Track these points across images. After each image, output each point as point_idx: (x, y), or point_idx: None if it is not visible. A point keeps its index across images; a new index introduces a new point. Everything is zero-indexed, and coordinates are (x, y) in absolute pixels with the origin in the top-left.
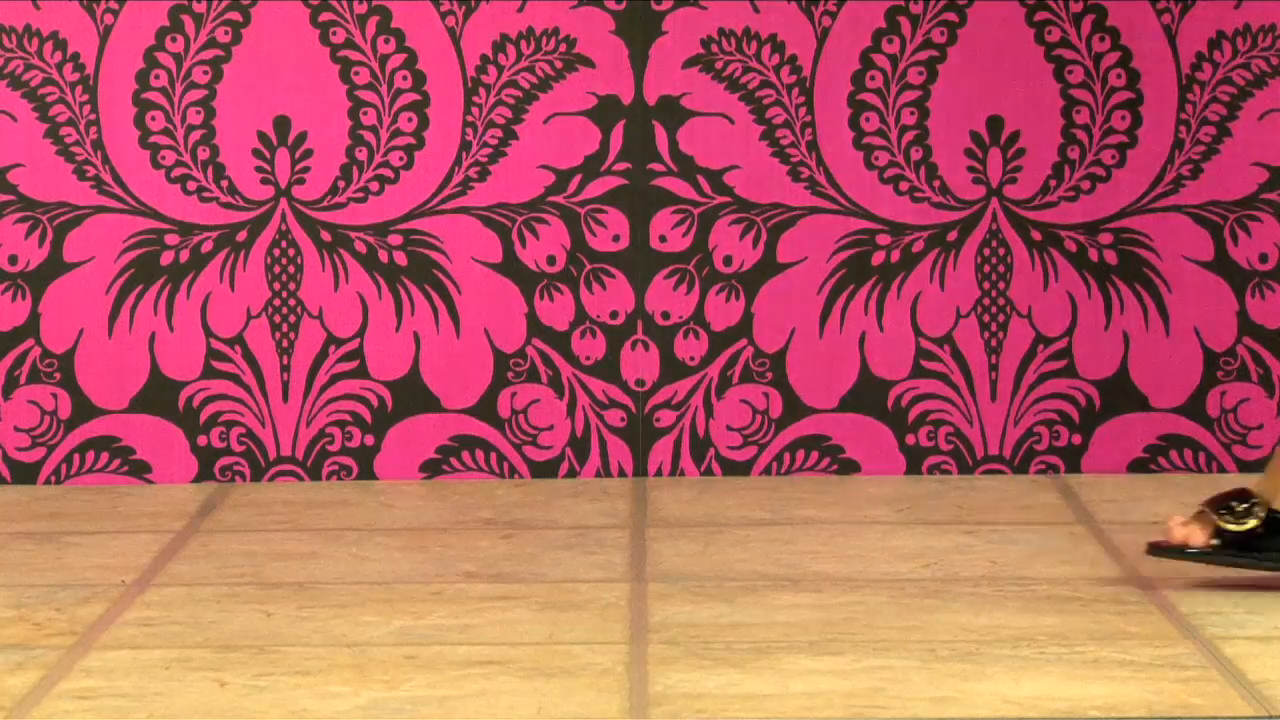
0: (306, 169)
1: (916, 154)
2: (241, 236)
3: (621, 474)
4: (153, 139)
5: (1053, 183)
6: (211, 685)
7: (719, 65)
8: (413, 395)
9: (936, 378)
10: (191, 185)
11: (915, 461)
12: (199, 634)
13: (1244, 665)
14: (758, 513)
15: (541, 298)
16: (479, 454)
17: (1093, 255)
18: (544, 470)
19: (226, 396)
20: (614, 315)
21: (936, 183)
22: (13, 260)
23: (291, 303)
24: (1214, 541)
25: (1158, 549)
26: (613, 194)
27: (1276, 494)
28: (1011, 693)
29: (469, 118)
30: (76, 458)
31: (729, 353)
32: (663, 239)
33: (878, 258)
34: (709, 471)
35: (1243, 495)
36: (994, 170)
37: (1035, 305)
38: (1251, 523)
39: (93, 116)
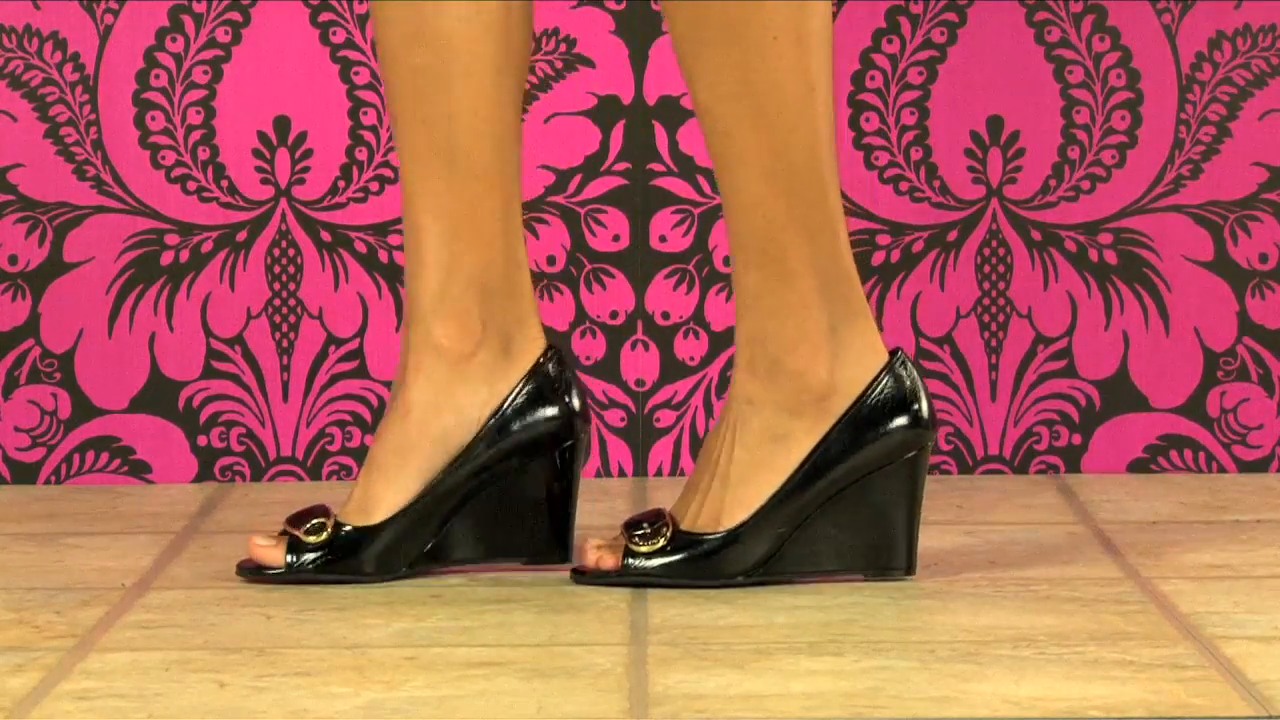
0: (306, 169)
1: (916, 154)
2: (241, 236)
3: (621, 474)
4: (153, 139)
5: (1053, 183)
6: (211, 686)
7: None
8: None
9: (936, 378)
10: (191, 185)
11: None
12: (199, 636)
13: (1244, 665)
14: None
15: (541, 298)
16: None
17: (1093, 255)
18: None
19: (226, 396)
20: (614, 315)
21: (936, 183)
22: (13, 260)
23: (291, 303)
24: (627, 562)
25: (577, 573)
26: (613, 194)
27: (684, 515)
28: (1011, 693)
29: None
30: (76, 458)
31: (729, 353)
32: (663, 239)
33: (878, 258)
34: None
35: (655, 517)
36: (994, 170)
37: (1035, 305)
38: (660, 542)
39: (93, 116)
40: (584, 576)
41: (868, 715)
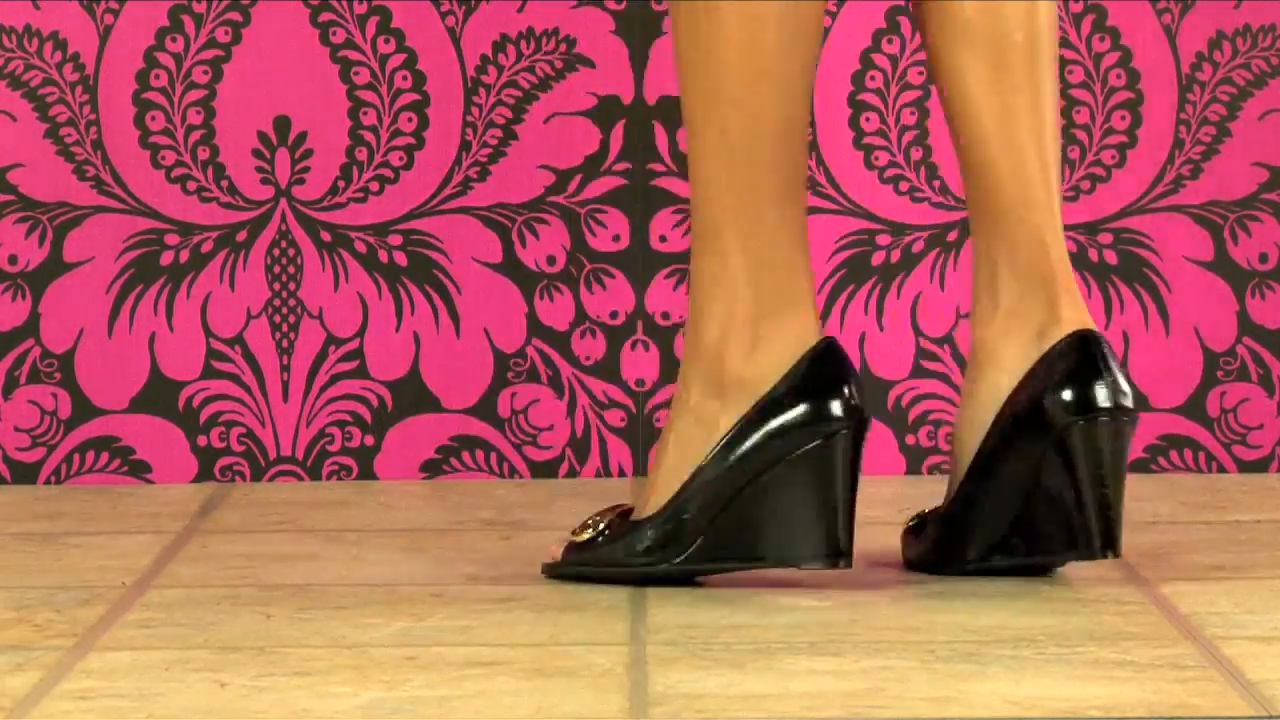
0: (306, 169)
1: (916, 154)
2: (241, 236)
3: (621, 474)
4: (153, 139)
5: None
6: (212, 686)
7: None
8: (413, 395)
9: (936, 378)
10: (191, 185)
11: (915, 461)
12: (199, 635)
13: (1244, 665)
14: None
15: (541, 298)
16: (479, 454)
17: (1093, 255)
18: (544, 470)
19: (226, 396)
20: (614, 315)
21: (936, 183)
22: (13, 260)
23: (291, 303)
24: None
25: (548, 569)
26: (613, 194)
27: (646, 504)
28: (1011, 693)
29: (469, 118)
30: (76, 458)
31: None
32: (663, 239)
33: (878, 258)
34: None
35: (611, 509)
36: None
37: None
38: (588, 533)
39: (93, 116)
40: (546, 568)
41: (868, 715)
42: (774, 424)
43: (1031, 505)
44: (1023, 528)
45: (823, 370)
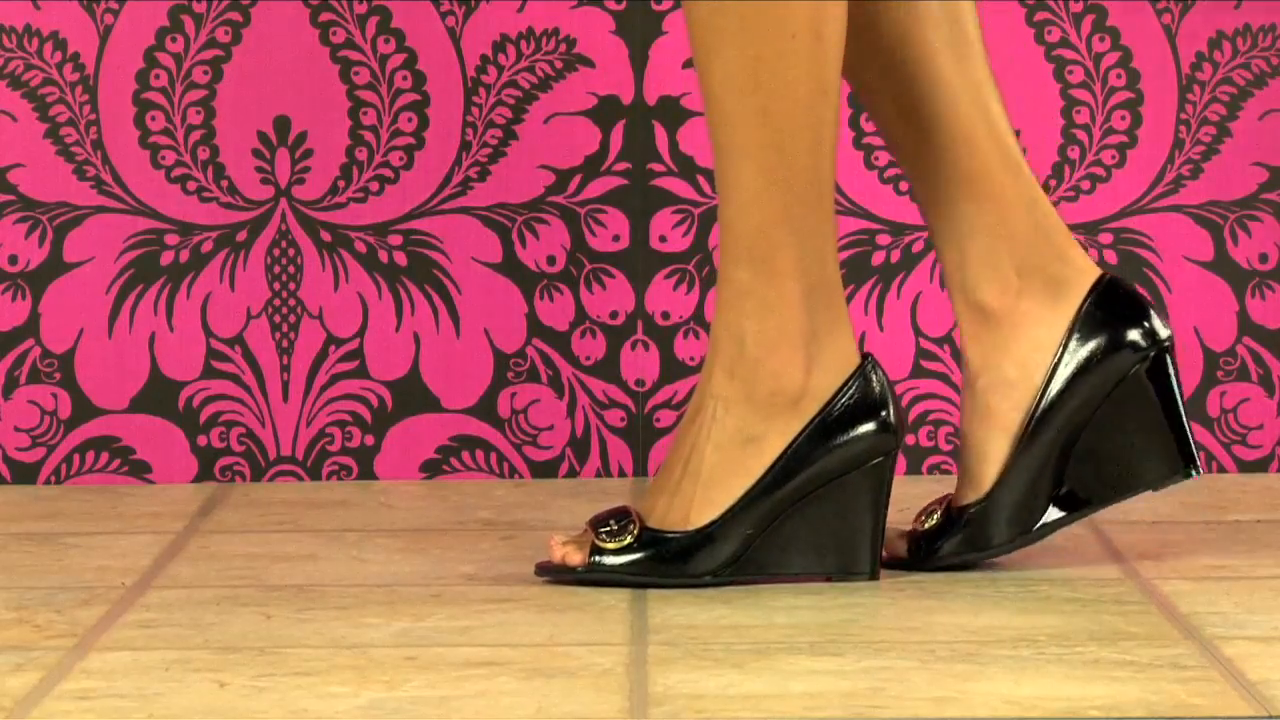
0: (306, 169)
1: None
2: (242, 236)
3: (621, 474)
4: (153, 139)
5: (1052, 183)
6: (212, 686)
7: None
8: (413, 395)
9: (936, 378)
10: (191, 185)
11: (915, 461)
12: (199, 635)
13: (1244, 665)
14: None
15: (541, 298)
16: (479, 454)
17: (1093, 255)
18: (544, 470)
19: (226, 396)
20: (614, 315)
21: None
22: (13, 260)
23: (291, 303)
24: (593, 559)
25: (542, 568)
26: (613, 194)
27: (652, 512)
28: (1011, 693)
29: (469, 118)
30: (76, 458)
31: None
32: (663, 239)
33: (878, 258)
34: None
35: (621, 514)
36: None
37: None
38: (627, 539)
39: (93, 116)
40: (548, 572)
41: (868, 715)
42: (840, 441)
43: (1094, 450)
44: (1079, 477)
45: (881, 387)
